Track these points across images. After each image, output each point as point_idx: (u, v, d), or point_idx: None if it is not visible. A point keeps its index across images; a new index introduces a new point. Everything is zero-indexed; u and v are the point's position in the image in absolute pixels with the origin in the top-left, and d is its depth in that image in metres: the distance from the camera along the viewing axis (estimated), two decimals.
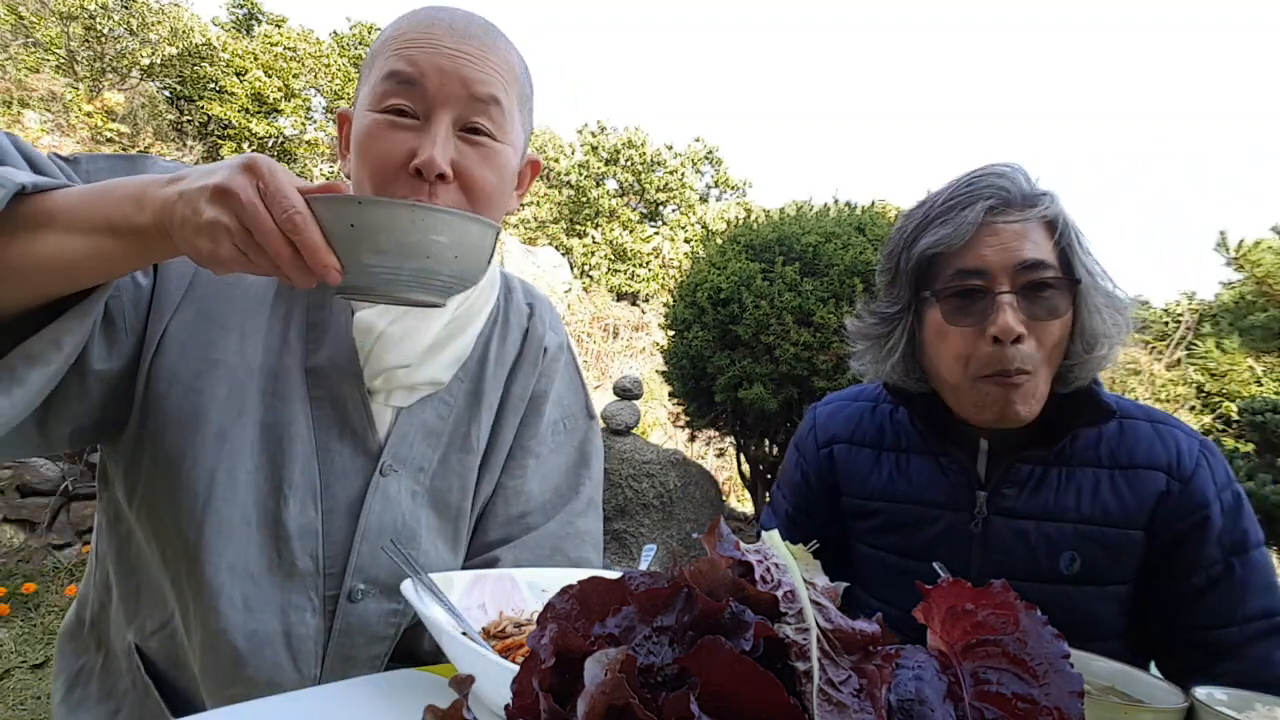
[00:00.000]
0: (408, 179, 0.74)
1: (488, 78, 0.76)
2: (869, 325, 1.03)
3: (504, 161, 0.79)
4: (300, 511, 0.79)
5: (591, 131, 11.88)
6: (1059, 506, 0.94)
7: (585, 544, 0.96)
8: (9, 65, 8.06)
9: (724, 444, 5.08)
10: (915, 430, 1.04)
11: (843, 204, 4.50)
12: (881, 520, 1.04)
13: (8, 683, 2.40)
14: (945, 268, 0.93)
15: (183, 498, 0.75)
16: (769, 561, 0.39)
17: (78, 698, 0.87)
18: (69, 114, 8.19)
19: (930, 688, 0.36)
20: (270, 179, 0.56)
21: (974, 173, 0.95)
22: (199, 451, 0.75)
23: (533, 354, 0.98)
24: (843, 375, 3.48)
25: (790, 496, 1.15)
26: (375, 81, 0.76)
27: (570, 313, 8.76)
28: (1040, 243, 0.90)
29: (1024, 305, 0.88)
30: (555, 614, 0.38)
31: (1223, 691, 0.62)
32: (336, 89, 9.77)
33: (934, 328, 0.94)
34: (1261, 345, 5.69)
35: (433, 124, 0.75)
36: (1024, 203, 0.91)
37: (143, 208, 0.59)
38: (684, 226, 11.36)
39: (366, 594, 0.82)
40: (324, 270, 0.57)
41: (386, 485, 0.84)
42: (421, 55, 0.74)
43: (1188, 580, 0.91)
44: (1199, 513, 0.91)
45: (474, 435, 0.91)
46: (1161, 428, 0.97)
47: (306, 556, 0.79)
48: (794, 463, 1.16)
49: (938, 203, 0.94)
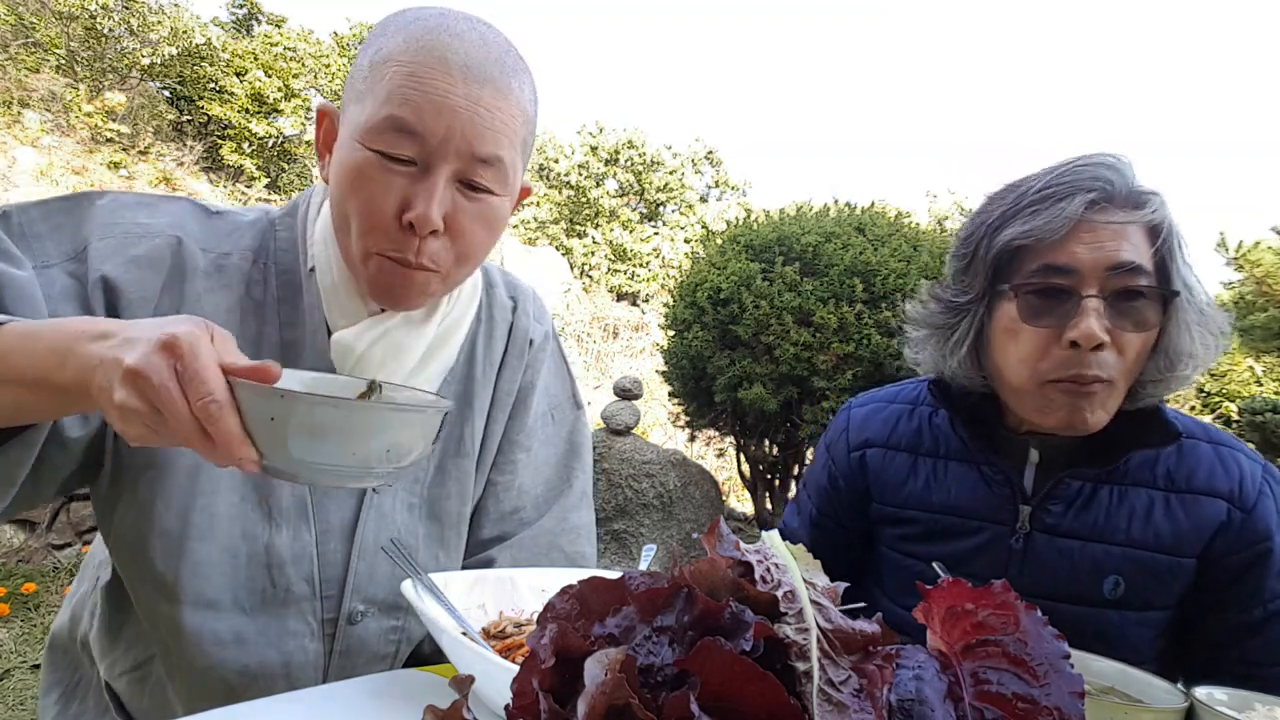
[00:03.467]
0: (398, 231, 0.70)
1: (496, 134, 0.71)
2: (933, 313, 0.96)
3: (498, 216, 0.76)
4: (293, 538, 0.77)
5: (591, 132, 11.88)
6: (1108, 528, 0.88)
7: (581, 538, 0.95)
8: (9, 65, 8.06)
9: (724, 444, 5.08)
10: (956, 436, 0.98)
11: (843, 204, 4.50)
12: (915, 529, 0.99)
13: (8, 683, 2.39)
14: (1030, 261, 0.85)
15: (156, 541, 0.73)
16: (769, 561, 0.39)
17: (74, 712, 0.86)
18: (69, 114, 8.20)
19: (930, 688, 0.36)
20: (189, 359, 0.50)
21: (1076, 160, 0.85)
22: (170, 493, 0.73)
23: (519, 348, 0.95)
24: (843, 375, 3.48)
25: (816, 499, 1.10)
26: (371, 112, 0.69)
27: (570, 313, 8.76)
28: (1139, 246, 0.82)
29: (1110, 313, 0.81)
30: (555, 614, 0.38)
31: (1223, 691, 0.62)
32: (336, 89, 9.76)
33: (1005, 323, 0.87)
34: (1261, 345, 5.69)
35: (431, 176, 0.69)
36: (1128, 201, 0.83)
37: (65, 365, 0.54)
38: (684, 227, 11.36)
39: (365, 614, 0.81)
40: (239, 461, 0.52)
41: (380, 502, 0.82)
42: (428, 103, 0.67)
43: (1245, 614, 0.86)
44: (1261, 544, 0.85)
45: (467, 438, 0.89)
46: (1224, 450, 0.90)
47: (302, 581, 0.78)
48: (822, 464, 1.10)
49: (1032, 189, 0.85)
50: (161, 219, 0.76)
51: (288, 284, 0.79)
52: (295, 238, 0.81)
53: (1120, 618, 0.88)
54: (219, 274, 0.76)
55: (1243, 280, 5.65)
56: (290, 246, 0.80)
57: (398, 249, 0.71)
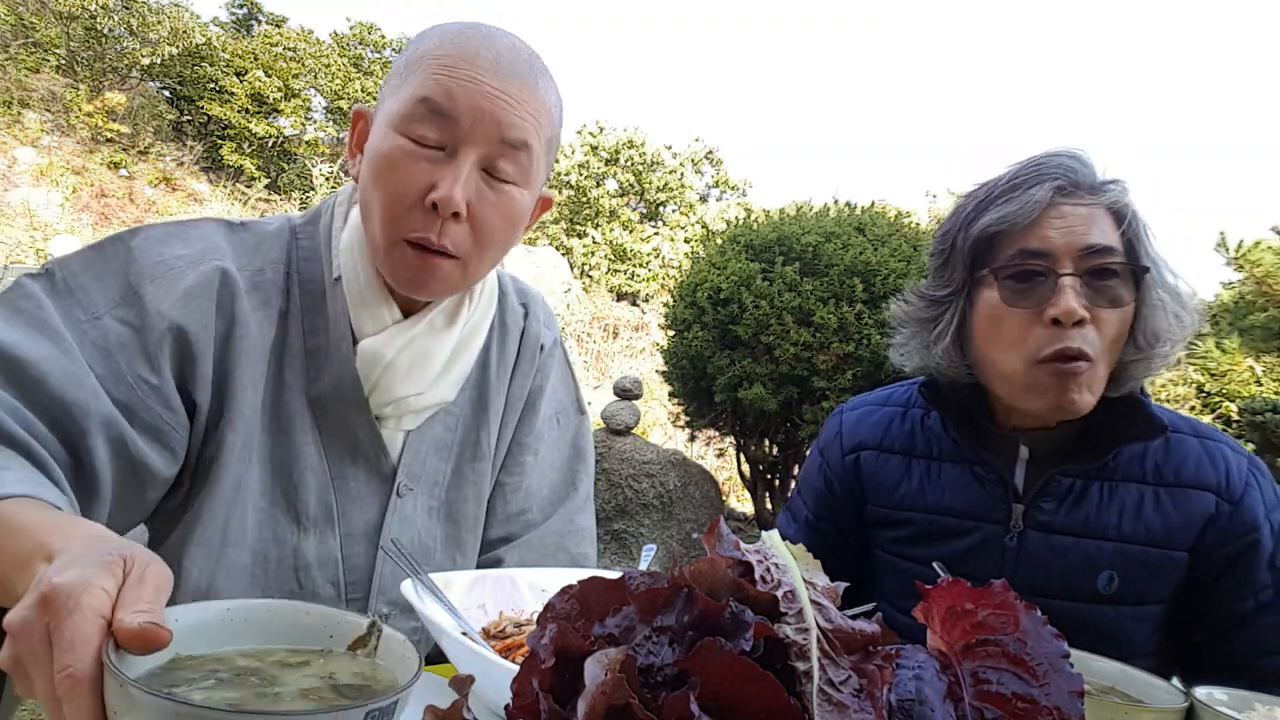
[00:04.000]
0: (422, 214, 0.73)
1: (523, 123, 0.74)
2: (915, 308, 0.99)
3: (519, 208, 0.79)
4: (319, 541, 0.80)
5: (591, 132, 11.88)
6: (1100, 523, 0.89)
7: (585, 540, 0.97)
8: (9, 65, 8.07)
9: (724, 444, 5.08)
10: (948, 437, 0.99)
11: (843, 204, 4.50)
12: (910, 531, 1.00)
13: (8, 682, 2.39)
14: (1006, 247, 0.89)
15: (194, 550, 0.76)
16: (769, 561, 0.39)
17: None
18: (69, 114, 8.20)
19: (930, 688, 0.36)
20: (62, 620, 0.41)
21: (1042, 154, 0.91)
22: (215, 506, 0.76)
23: (530, 353, 0.98)
24: (842, 375, 3.48)
25: (811, 503, 1.11)
26: (406, 98, 0.73)
27: (570, 313, 8.77)
28: (1107, 230, 0.86)
29: (1087, 291, 0.85)
30: (555, 614, 0.38)
31: (1223, 691, 0.62)
32: (336, 89, 9.77)
33: (987, 310, 0.90)
34: (1261, 345, 5.70)
35: (458, 160, 0.73)
36: (1093, 187, 0.88)
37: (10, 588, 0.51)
38: (684, 226, 11.37)
39: (389, 616, 0.83)
40: None
41: (403, 505, 0.85)
42: (459, 88, 0.72)
43: (1235, 606, 0.87)
44: (1249, 536, 0.87)
45: (483, 442, 0.91)
46: (1210, 444, 0.92)
47: (327, 584, 0.80)
48: (817, 468, 1.11)
49: (1001, 181, 0.90)
50: (196, 246, 0.78)
51: (310, 293, 0.81)
52: (318, 246, 0.83)
53: (1116, 613, 0.89)
54: (257, 291, 0.79)
55: (1243, 280, 5.65)
56: (313, 255, 0.83)
57: (420, 231, 0.74)
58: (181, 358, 0.73)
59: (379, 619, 0.50)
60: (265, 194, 9.28)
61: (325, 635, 0.50)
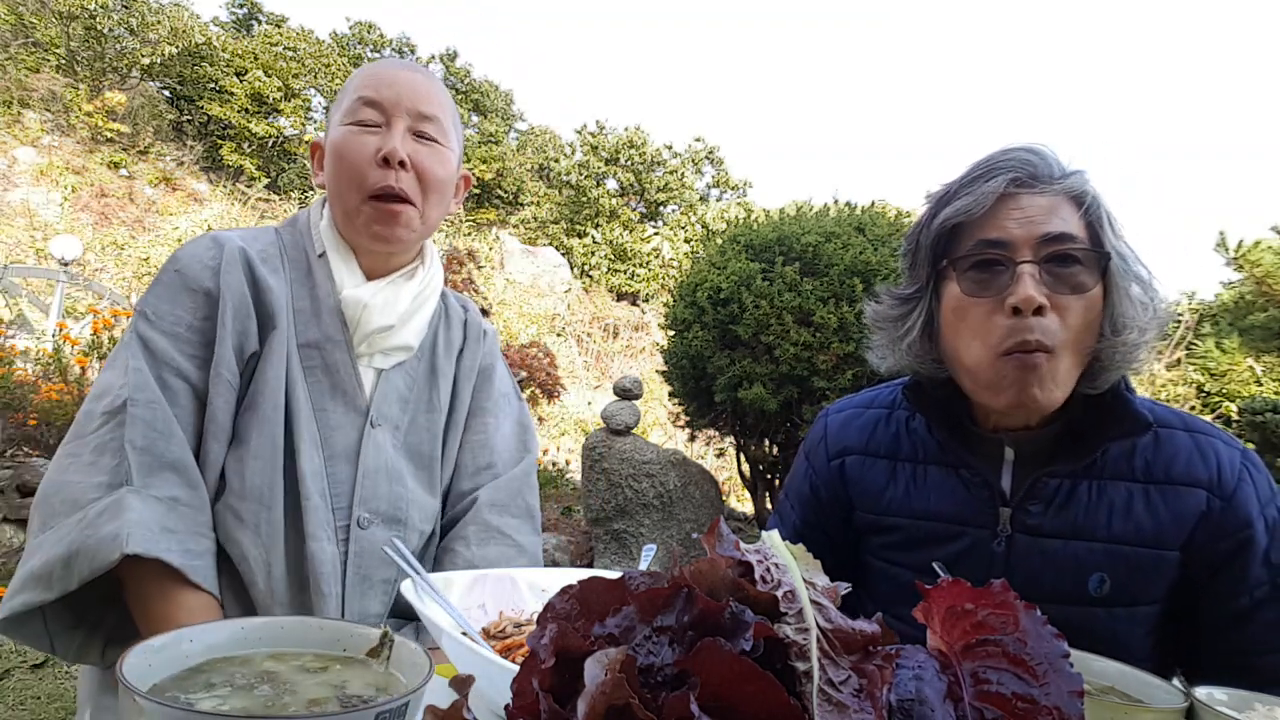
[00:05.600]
0: (378, 169, 0.99)
1: (430, 99, 1.05)
2: (886, 307, 1.00)
3: (448, 159, 1.07)
4: (309, 459, 0.98)
5: (591, 131, 11.88)
6: (1089, 524, 0.87)
7: (534, 493, 1.19)
8: (9, 65, 8.07)
9: (724, 444, 5.08)
10: (933, 439, 0.98)
11: (843, 204, 4.50)
12: (897, 537, 0.98)
13: (8, 683, 2.39)
14: (966, 239, 0.89)
15: (234, 460, 0.98)
16: (769, 561, 0.39)
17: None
18: (69, 114, 8.20)
19: (930, 688, 0.36)
20: None
21: (1001, 148, 0.91)
22: (253, 428, 0.98)
23: (475, 335, 1.21)
24: (843, 375, 3.48)
25: (799, 509, 1.09)
26: (346, 106, 1.03)
27: (570, 313, 8.76)
28: (1067, 217, 0.86)
29: (1048, 279, 0.84)
30: (555, 614, 0.38)
31: (1223, 691, 0.62)
32: (336, 88, 9.76)
33: (952, 303, 0.90)
34: (1261, 345, 5.70)
35: (392, 128, 1.01)
36: (1051, 179, 0.87)
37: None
38: (684, 226, 11.36)
39: (371, 522, 1.01)
40: None
41: (375, 435, 1.04)
42: (383, 85, 1.02)
43: (1231, 603, 0.86)
44: (1243, 532, 0.85)
45: (435, 398, 1.13)
46: (1201, 439, 0.90)
47: (316, 495, 0.97)
48: (803, 473, 1.09)
49: (962, 177, 0.91)
50: (212, 237, 1.03)
51: (299, 266, 1.06)
52: (300, 238, 1.09)
53: (1109, 616, 0.87)
54: (265, 263, 1.03)
55: (1243, 280, 5.65)
56: (297, 241, 1.09)
57: (380, 182, 0.99)
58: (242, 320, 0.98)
59: (390, 630, 0.51)
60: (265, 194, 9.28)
61: (339, 648, 0.51)
